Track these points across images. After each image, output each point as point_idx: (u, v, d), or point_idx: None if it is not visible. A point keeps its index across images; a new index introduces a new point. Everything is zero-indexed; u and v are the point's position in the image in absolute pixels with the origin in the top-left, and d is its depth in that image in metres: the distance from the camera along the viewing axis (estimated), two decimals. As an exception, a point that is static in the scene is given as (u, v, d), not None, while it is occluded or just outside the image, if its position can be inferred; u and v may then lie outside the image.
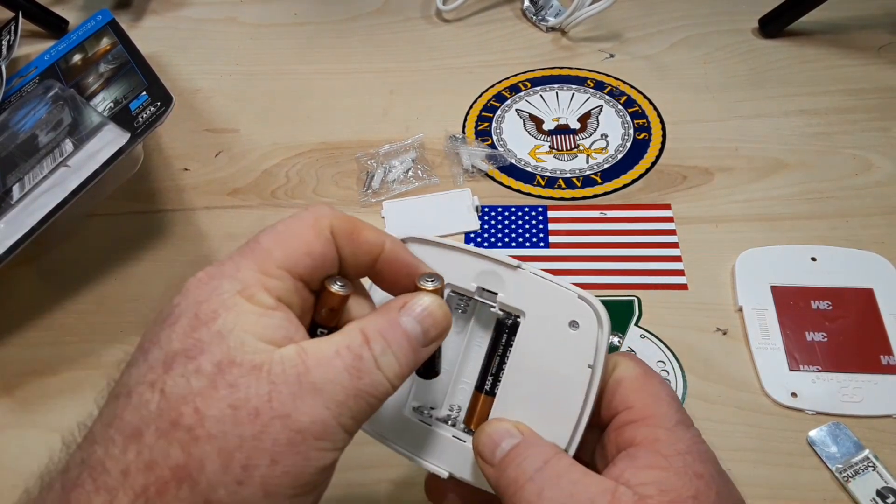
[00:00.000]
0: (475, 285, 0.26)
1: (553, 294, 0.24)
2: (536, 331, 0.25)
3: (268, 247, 0.22)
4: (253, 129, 0.54)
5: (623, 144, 0.51)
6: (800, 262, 0.42)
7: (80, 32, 0.53)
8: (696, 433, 0.23)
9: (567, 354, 0.24)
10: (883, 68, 0.54)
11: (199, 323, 0.20)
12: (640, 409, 0.23)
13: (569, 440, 0.23)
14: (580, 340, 0.24)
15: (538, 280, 0.25)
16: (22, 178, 0.40)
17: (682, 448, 0.22)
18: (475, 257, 0.26)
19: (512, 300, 0.25)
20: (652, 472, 0.21)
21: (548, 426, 0.24)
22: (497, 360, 0.26)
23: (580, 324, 0.24)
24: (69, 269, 0.45)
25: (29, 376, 0.40)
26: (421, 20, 0.62)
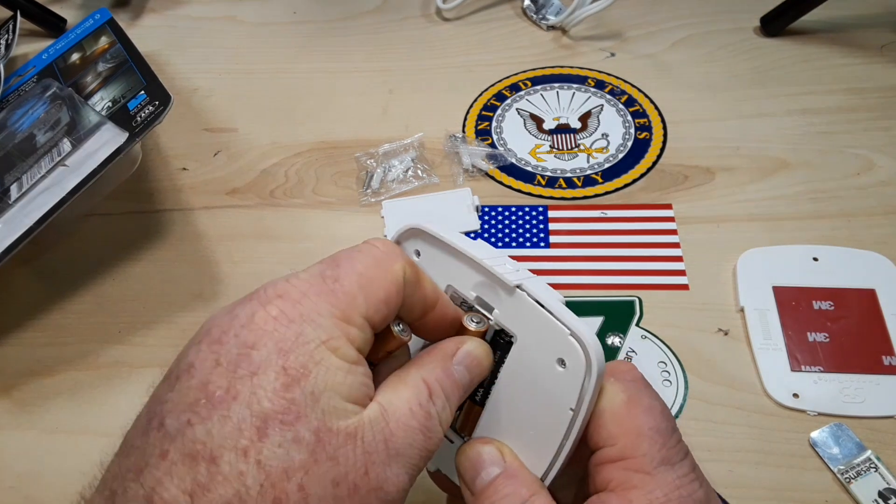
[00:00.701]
0: (474, 294, 0.25)
1: (545, 325, 0.23)
2: (526, 358, 0.23)
3: (351, 291, 0.20)
4: (252, 128, 0.53)
5: (624, 144, 0.50)
6: (802, 263, 0.42)
7: (78, 31, 0.53)
8: (683, 471, 0.21)
9: (552, 391, 0.22)
10: (886, 67, 0.54)
11: (290, 380, 0.18)
12: (619, 447, 0.21)
13: (545, 473, 0.22)
14: (566, 380, 0.22)
15: (533, 306, 0.23)
16: (20, 177, 0.40)
17: (657, 497, 0.20)
18: (473, 265, 0.24)
19: (506, 321, 0.24)
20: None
21: (528, 452, 0.23)
22: (489, 375, 0.25)
23: (567, 364, 0.22)
24: (67, 269, 0.45)
25: (27, 377, 0.40)
26: (421, 19, 0.62)
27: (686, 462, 0.21)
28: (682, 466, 0.21)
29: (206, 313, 0.42)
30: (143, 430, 0.18)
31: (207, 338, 0.19)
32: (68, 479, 0.26)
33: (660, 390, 0.37)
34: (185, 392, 0.18)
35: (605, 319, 0.40)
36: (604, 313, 0.40)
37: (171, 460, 0.17)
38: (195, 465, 0.17)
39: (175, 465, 0.17)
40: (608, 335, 0.40)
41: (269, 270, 0.44)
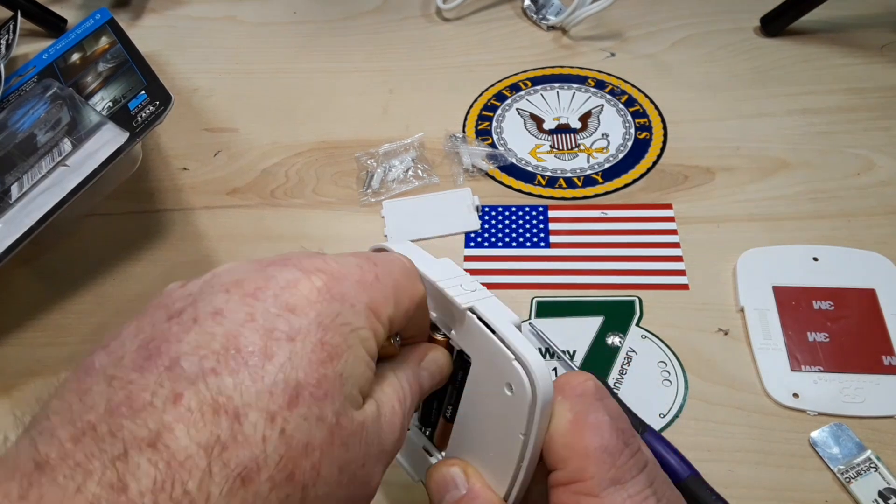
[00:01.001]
0: (434, 314, 0.24)
1: (493, 349, 0.22)
2: (481, 380, 0.23)
3: (387, 292, 0.20)
4: (252, 128, 0.53)
5: (624, 144, 0.50)
6: (802, 263, 0.42)
7: (78, 31, 0.53)
8: (633, 490, 0.20)
9: (504, 414, 0.22)
10: (886, 67, 0.54)
11: (326, 356, 0.17)
12: (569, 470, 0.21)
13: (507, 493, 0.23)
14: (515, 405, 0.22)
15: (482, 330, 0.23)
16: (20, 177, 0.40)
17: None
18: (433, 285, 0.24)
19: (461, 343, 0.24)
20: None
21: (491, 473, 0.23)
22: (454, 392, 0.25)
23: (514, 390, 0.22)
24: (68, 268, 0.45)
25: (27, 377, 0.40)
26: (421, 19, 0.62)
27: (639, 479, 0.21)
28: (634, 485, 0.21)
29: (206, 313, 0.42)
30: (136, 364, 0.16)
31: (238, 289, 0.18)
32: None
33: (660, 390, 0.37)
34: (208, 337, 0.17)
35: (605, 319, 0.40)
36: (604, 313, 0.41)
37: (187, 406, 0.15)
38: (216, 419, 0.15)
39: (191, 412, 0.15)
40: (608, 335, 0.40)
41: (269, 270, 0.44)
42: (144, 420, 0.15)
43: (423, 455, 0.26)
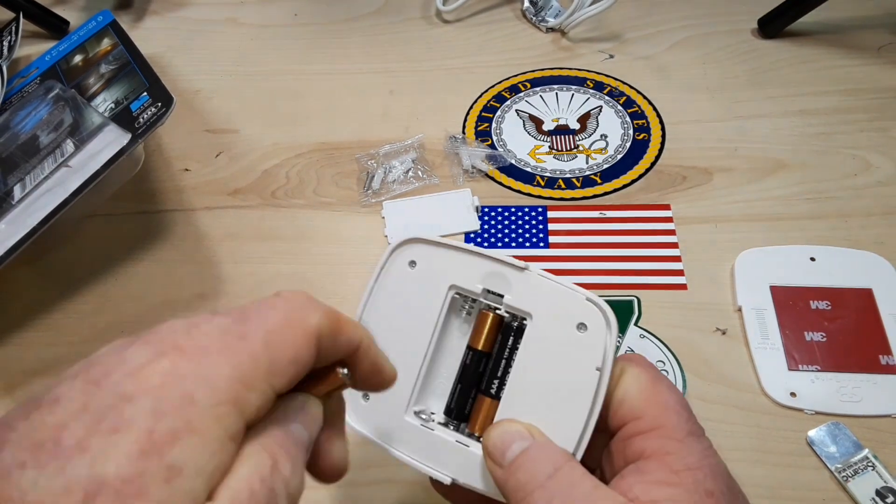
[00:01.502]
0: (481, 287, 0.26)
1: (561, 296, 0.24)
2: (543, 333, 0.25)
3: (256, 352, 0.18)
4: (253, 129, 0.54)
5: (622, 145, 0.51)
6: (799, 263, 0.42)
7: (80, 33, 0.53)
8: (707, 444, 0.23)
9: (574, 357, 0.24)
10: (883, 68, 0.54)
11: (150, 447, 0.16)
12: (649, 419, 0.23)
13: (576, 445, 0.23)
14: (588, 343, 0.24)
15: (546, 282, 0.25)
16: (23, 178, 0.40)
17: (692, 462, 0.22)
18: (481, 258, 0.26)
19: (519, 302, 0.25)
20: (662, 488, 0.21)
21: (554, 430, 0.24)
22: (503, 364, 0.25)
23: (588, 326, 0.24)
24: (70, 269, 0.45)
25: (29, 376, 0.40)
26: (421, 21, 0.62)
27: (707, 439, 0.23)
28: (706, 440, 0.23)
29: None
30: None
31: (85, 375, 0.17)
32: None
33: (658, 389, 0.37)
34: (37, 427, 0.16)
35: (603, 319, 0.40)
36: (603, 313, 0.41)
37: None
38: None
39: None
40: (607, 335, 0.40)
41: (270, 270, 0.44)
42: None
43: (457, 449, 0.25)
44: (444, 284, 0.26)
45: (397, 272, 0.27)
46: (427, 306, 0.26)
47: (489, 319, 0.26)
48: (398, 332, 0.27)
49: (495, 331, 0.26)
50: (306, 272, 0.44)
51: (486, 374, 0.26)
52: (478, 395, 0.26)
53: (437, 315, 0.26)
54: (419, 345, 0.26)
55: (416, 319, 0.27)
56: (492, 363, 0.26)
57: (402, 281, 0.27)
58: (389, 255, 0.27)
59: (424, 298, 0.27)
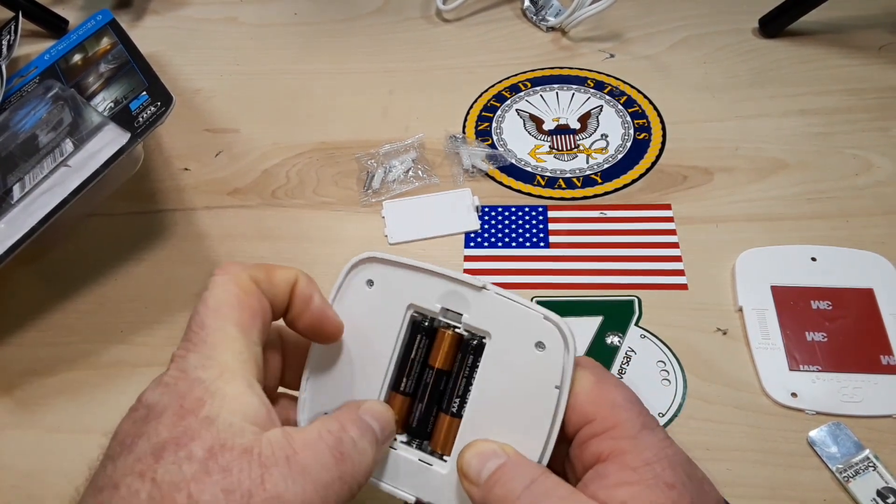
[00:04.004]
0: (439, 306, 0.26)
1: (519, 315, 0.25)
2: (502, 352, 0.25)
3: (219, 327, 0.23)
4: (253, 128, 0.54)
5: (623, 144, 0.51)
6: (800, 263, 0.42)
7: (80, 32, 0.53)
8: (661, 435, 0.23)
9: (534, 375, 0.24)
10: (883, 68, 0.54)
11: (185, 412, 0.21)
12: (601, 420, 0.23)
13: (540, 456, 0.23)
14: (547, 361, 0.24)
15: (504, 301, 0.25)
16: (22, 178, 0.40)
17: (649, 457, 0.22)
18: (439, 278, 0.26)
19: (477, 321, 0.25)
20: (623, 489, 0.21)
21: (520, 444, 0.24)
22: (463, 382, 0.25)
23: (546, 345, 0.24)
24: (69, 269, 0.45)
25: (29, 376, 0.40)
26: (421, 20, 0.62)
27: (661, 428, 0.23)
28: (660, 431, 0.23)
29: (207, 313, 0.42)
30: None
31: (130, 414, 0.22)
32: (70, 478, 0.26)
33: (659, 389, 0.37)
34: (112, 449, 0.21)
35: (604, 319, 0.40)
36: (603, 313, 0.41)
37: (82, 495, 0.20)
38: (99, 495, 0.20)
39: (84, 498, 0.20)
40: (607, 335, 0.40)
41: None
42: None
43: (420, 468, 0.26)
44: (403, 304, 0.26)
45: (355, 292, 0.27)
46: (386, 326, 0.26)
47: (448, 338, 0.26)
48: (358, 352, 0.27)
49: (454, 349, 0.26)
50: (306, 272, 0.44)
51: (446, 393, 0.26)
52: (439, 414, 0.26)
53: (397, 334, 0.26)
54: (379, 364, 0.26)
55: (376, 339, 0.26)
56: (452, 381, 0.26)
57: (360, 300, 0.27)
58: (346, 275, 0.27)
59: (383, 318, 0.27)
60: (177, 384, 0.21)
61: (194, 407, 0.21)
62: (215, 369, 0.22)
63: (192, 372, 0.22)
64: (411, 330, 0.27)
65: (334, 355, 0.27)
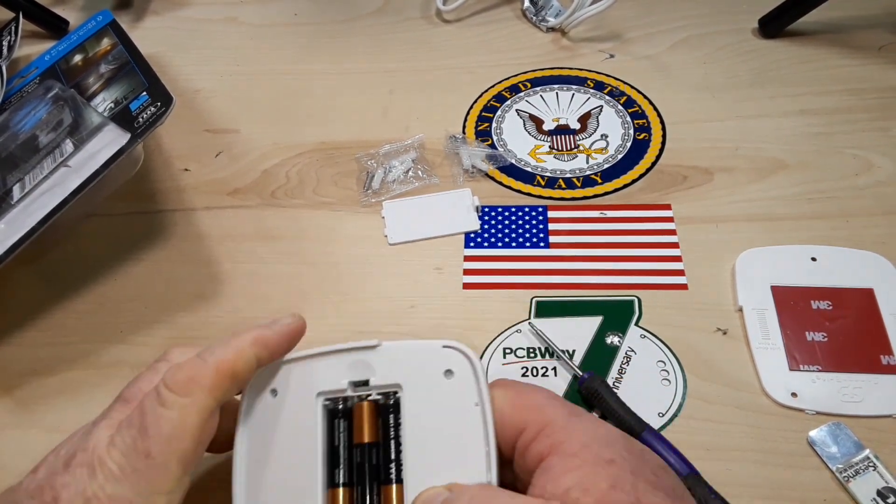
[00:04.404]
0: (345, 381, 0.26)
1: (420, 354, 0.25)
2: (418, 396, 0.25)
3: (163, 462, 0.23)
4: (253, 129, 0.54)
5: (623, 144, 0.51)
6: (800, 263, 0.42)
7: (80, 33, 0.53)
8: (590, 418, 0.24)
9: (453, 403, 0.24)
10: (884, 68, 0.54)
11: None
12: (531, 425, 0.24)
13: (486, 474, 0.24)
14: (460, 385, 0.25)
15: (401, 347, 0.26)
16: (22, 178, 0.40)
17: (585, 440, 0.23)
18: (334, 355, 0.26)
19: (385, 378, 0.26)
20: (569, 475, 0.22)
21: (464, 475, 0.24)
22: (392, 445, 0.25)
23: (454, 370, 0.25)
24: (69, 269, 0.45)
25: (28, 376, 0.40)
26: (421, 20, 0.62)
27: (589, 414, 0.25)
28: (587, 415, 0.25)
29: (207, 313, 0.42)
30: None
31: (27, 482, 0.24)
32: (71, 477, 0.26)
33: (659, 389, 0.37)
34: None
35: (604, 319, 0.40)
36: (603, 313, 0.41)
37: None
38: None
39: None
40: (607, 335, 0.40)
41: (270, 270, 0.44)
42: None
43: None
44: (312, 395, 0.26)
45: (261, 408, 0.27)
46: (303, 425, 0.26)
47: (365, 409, 0.26)
48: (285, 461, 0.26)
49: (375, 417, 0.26)
50: (306, 272, 0.44)
51: (381, 464, 0.25)
52: (381, 488, 0.25)
53: (317, 428, 0.26)
54: (309, 466, 0.26)
55: (298, 442, 0.26)
56: (383, 450, 0.26)
57: (270, 413, 0.27)
58: (243, 399, 0.27)
59: (298, 418, 0.26)
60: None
61: None
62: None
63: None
64: (328, 418, 0.26)
65: (263, 472, 0.26)
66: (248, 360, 0.25)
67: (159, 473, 0.22)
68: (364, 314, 0.42)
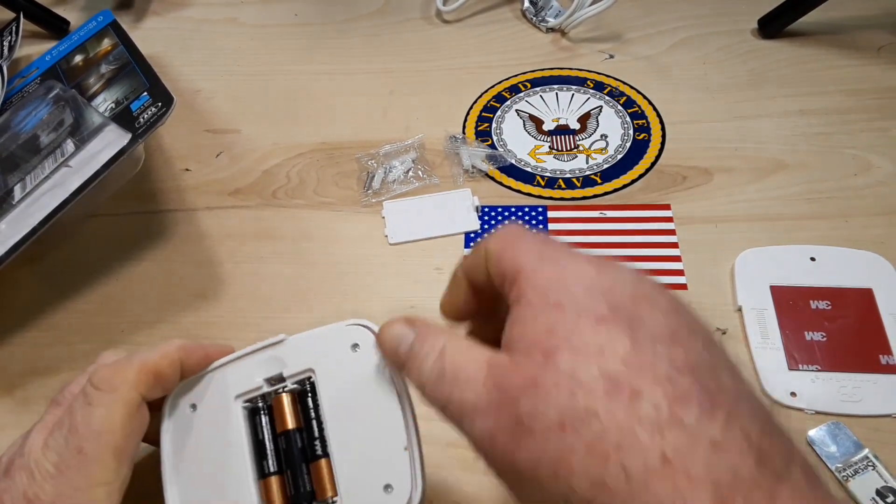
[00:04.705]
0: (260, 379, 0.27)
1: (325, 336, 0.27)
2: (331, 374, 0.26)
3: (97, 457, 0.24)
4: (254, 129, 0.54)
5: (623, 145, 0.51)
6: (799, 262, 0.42)
7: (81, 33, 0.53)
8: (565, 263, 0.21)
9: (363, 371, 0.25)
10: (882, 68, 0.54)
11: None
12: (507, 279, 0.21)
13: (405, 434, 0.24)
14: (365, 355, 0.26)
15: (306, 336, 0.27)
16: (23, 178, 0.40)
17: (541, 283, 0.20)
18: (245, 358, 0.27)
19: (296, 367, 0.27)
20: (516, 326, 0.20)
21: (383, 437, 0.25)
22: (315, 424, 0.26)
23: (359, 342, 0.26)
24: (70, 269, 0.45)
25: (30, 376, 0.40)
26: (421, 21, 0.62)
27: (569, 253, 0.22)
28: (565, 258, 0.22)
29: (208, 313, 0.42)
30: None
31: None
32: (73, 476, 0.26)
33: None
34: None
35: (604, 319, 0.40)
36: (603, 313, 0.41)
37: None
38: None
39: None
40: (607, 334, 0.40)
41: (270, 270, 0.44)
42: None
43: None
44: (230, 399, 0.27)
45: (183, 426, 0.27)
46: (227, 427, 0.27)
47: (283, 400, 0.27)
48: (214, 463, 0.27)
49: (295, 406, 0.27)
50: (306, 272, 0.44)
51: (306, 445, 0.26)
52: (310, 465, 0.26)
53: (240, 427, 0.27)
54: (239, 462, 0.26)
55: (224, 443, 0.27)
56: (307, 432, 0.26)
57: (193, 428, 0.27)
58: (164, 409, 0.28)
59: (220, 422, 0.27)
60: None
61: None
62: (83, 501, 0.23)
63: (61, 500, 0.23)
64: (250, 417, 0.27)
65: (193, 476, 0.27)
66: (173, 362, 0.26)
67: (94, 467, 0.23)
68: (364, 314, 0.41)
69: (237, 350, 0.28)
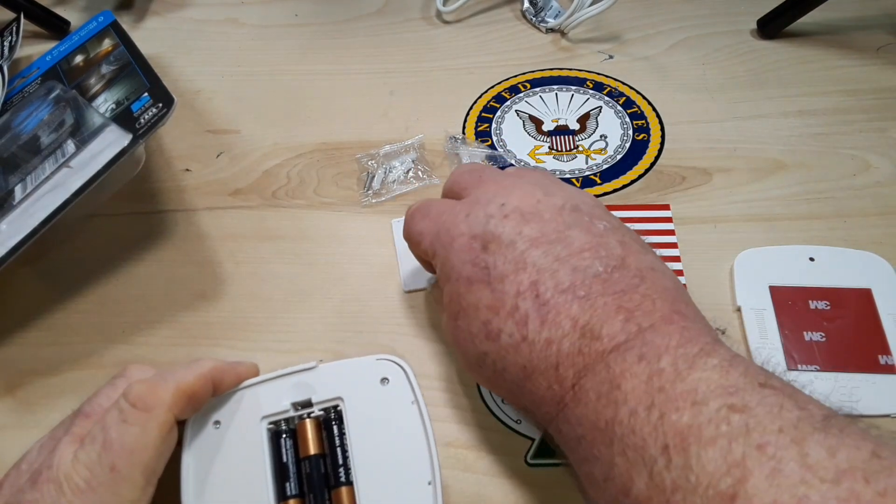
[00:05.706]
0: (288, 402, 0.28)
1: (357, 368, 0.28)
2: (359, 405, 0.27)
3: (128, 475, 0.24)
4: (254, 129, 0.54)
5: (622, 145, 0.51)
6: (798, 263, 0.42)
7: (81, 33, 0.54)
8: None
9: (392, 404, 0.27)
10: (882, 69, 0.55)
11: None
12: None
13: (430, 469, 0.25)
14: (395, 389, 0.27)
15: (339, 365, 0.28)
16: (24, 178, 0.40)
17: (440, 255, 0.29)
18: (274, 381, 0.28)
19: (325, 395, 0.28)
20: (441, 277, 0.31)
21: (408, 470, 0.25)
22: (340, 452, 0.27)
23: (389, 378, 0.28)
24: (71, 269, 0.45)
25: (30, 376, 0.40)
26: (421, 21, 0.63)
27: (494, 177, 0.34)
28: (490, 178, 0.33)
29: (209, 313, 0.43)
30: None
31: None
32: (74, 476, 0.26)
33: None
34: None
35: (603, 319, 0.40)
36: (602, 313, 0.41)
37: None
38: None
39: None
40: (607, 334, 0.40)
41: (271, 270, 0.45)
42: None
43: None
44: (256, 420, 0.28)
45: (205, 442, 0.28)
46: (250, 447, 0.27)
47: (308, 426, 0.27)
48: (234, 483, 0.27)
49: (319, 432, 0.27)
50: (307, 272, 0.44)
51: (329, 471, 0.27)
52: (332, 492, 0.26)
53: (263, 448, 0.27)
54: (260, 483, 0.27)
55: (246, 463, 0.27)
56: (331, 458, 0.27)
57: (214, 441, 0.28)
58: (187, 429, 0.28)
59: (244, 442, 0.27)
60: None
61: None
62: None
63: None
64: (274, 439, 0.28)
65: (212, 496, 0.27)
66: (206, 385, 0.27)
67: (124, 485, 0.23)
68: (364, 314, 0.42)
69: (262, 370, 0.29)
